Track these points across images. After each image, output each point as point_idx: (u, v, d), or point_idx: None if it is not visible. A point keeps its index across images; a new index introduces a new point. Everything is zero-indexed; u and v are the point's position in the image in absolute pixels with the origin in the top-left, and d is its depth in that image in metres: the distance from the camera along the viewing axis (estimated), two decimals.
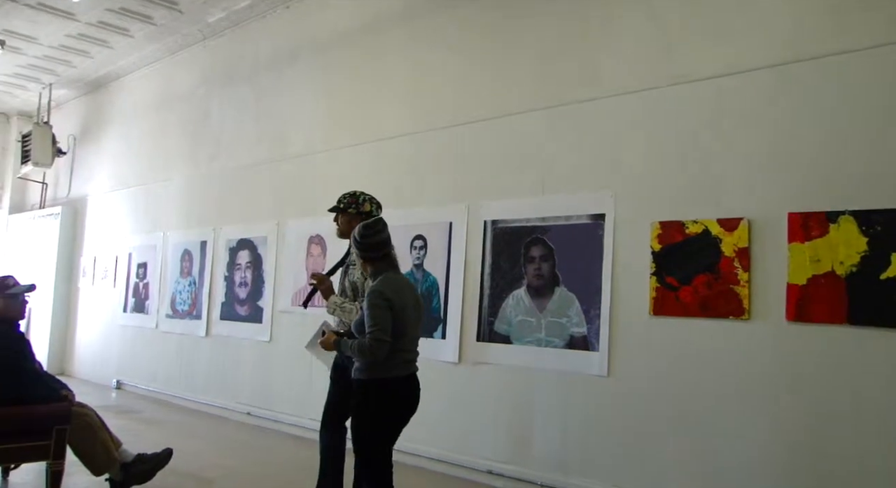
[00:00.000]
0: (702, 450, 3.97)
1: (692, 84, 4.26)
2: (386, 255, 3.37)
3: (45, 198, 11.79)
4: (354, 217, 3.98)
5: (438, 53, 5.79)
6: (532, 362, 4.79)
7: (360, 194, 4.05)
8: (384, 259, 3.36)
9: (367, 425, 3.25)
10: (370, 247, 3.34)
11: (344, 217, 3.99)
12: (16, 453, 3.98)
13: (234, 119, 7.95)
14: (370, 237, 3.33)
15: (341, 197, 4.04)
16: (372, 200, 4.06)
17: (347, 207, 3.99)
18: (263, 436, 6.38)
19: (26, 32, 8.74)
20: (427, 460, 5.28)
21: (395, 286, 3.26)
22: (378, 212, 4.08)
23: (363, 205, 4.00)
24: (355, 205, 4.00)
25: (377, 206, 4.08)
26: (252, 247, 7.36)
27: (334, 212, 4.03)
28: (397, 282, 3.32)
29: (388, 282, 3.26)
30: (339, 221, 4.03)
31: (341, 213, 4.00)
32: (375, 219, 3.52)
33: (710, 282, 4.02)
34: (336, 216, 4.04)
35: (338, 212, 4.02)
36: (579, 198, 4.70)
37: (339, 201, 4.03)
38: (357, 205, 3.99)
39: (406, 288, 3.37)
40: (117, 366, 9.32)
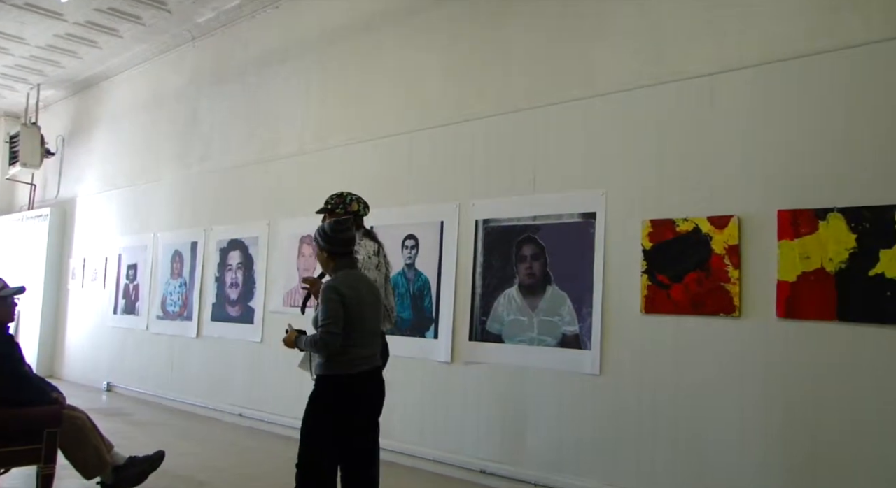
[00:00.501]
0: (694, 447, 3.99)
1: (683, 82, 4.28)
2: (348, 253, 3.44)
3: (34, 199, 11.72)
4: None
5: (429, 52, 5.79)
6: (524, 361, 4.79)
7: (346, 194, 4.05)
8: (347, 256, 3.43)
9: (316, 419, 3.27)
10: (339, 242, 3.40)
11: (332, 218, 3.98)
12: (6, 457, 3.93)
13: (224, 119, 7.92)
14: (341, 233, 3.41)
15: (328, 198, 4.05)
16: (359, 200, 4.06)
17: (335, 208, 3.99)
18: (255, 437, 6.36)
19: (13, 32, 8.69)
20: (420, 460, 5.28)
21: (351, 282, 3.33)
22: (365, 211, 4.09)
23: (350, 205, 4.01)
24: (343, 205, 4.00)
25: (364, 206, 4.09)
26: (243, 247, 7.34)
27: (322, 213, 4.02)
28: (354, 277, 3.38)
29: (343, 278, 3.34)
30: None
31: (329, 214, 4.00)
32: (347, 217, 3.58)
33: (700, 280, 4.03)
34: (324, 217, 4.02)
35: (326, 214, 4.01)
36: (570, 197, 4.71)
37: (327, 202, 4.03)
38: (345, 205, 4.00)
39: (362, 283, 3.41)
40: (108, 368, 9.27)
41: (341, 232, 3.41)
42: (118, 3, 7.66)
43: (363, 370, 3.30)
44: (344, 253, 3.42)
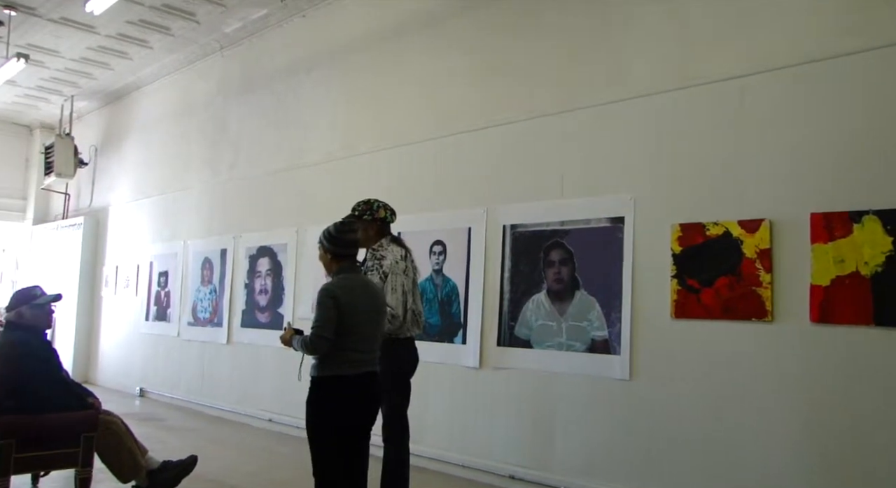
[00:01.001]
0: (728, 454, 3.94)
1: (713, 84, 4.24)
2: (350, 256, 3.46)
3: (68, 208, 11.95)
4: (370, 223, 4.03)
5: (455, 58, 5.81)
6: (553, 366, 4.78)
7: (373, 201, 4.08)
8: (349, 258, 3.45)
9: (316, 421, 3.30)
10: (344, 243, 3.43)
11: (360, 224, 4.01)
12: (45, 460, 4.03)
13: (252, 127, 8.02)
14: (346, 234, 3.44)
15: (355, 205, 4.09)
16: (386, 207, 4.09)
17: (363, 214, 4.02)
18: (286, 443, 6.41)
19: (49, 46, 8.88)
20: (449, 465, 5.28)
21: (347, 286, 3.34)
22: (392, 218, 4.12)
23: (378, 212, 4.04)
24: (370, 211, 4.03)
25: (391, 213, 4.11)
26: (272, 254, 7.41)
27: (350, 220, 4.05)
28: (351, 281, 3.39)
29: (340, 282, 3.35)
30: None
31: (357, 221, 4.02)
32: (349, 220, 3.61)
33: (731, 284, 3.99)
34: None
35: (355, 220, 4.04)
36: (598, 202, 4.69)
37: (354, 209, 4.07)
38: (371, 212, 4.03)
39: (359, 288, 3.40)
40: (140, 374, 9.41)
41: (346, 233, 3.44)
42: (149, 14, 7.79)
43: (355, 373, 3.30)
44: (347, 255, 3.44)
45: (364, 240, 4.01)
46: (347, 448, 3.32)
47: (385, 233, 4.10)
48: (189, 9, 7.61)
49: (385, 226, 4.11)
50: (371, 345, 3.41)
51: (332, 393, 3.28)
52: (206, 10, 7.61)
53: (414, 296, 4.00)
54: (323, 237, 3.46)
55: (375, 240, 4.05)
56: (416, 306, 4.02)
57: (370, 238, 4.05)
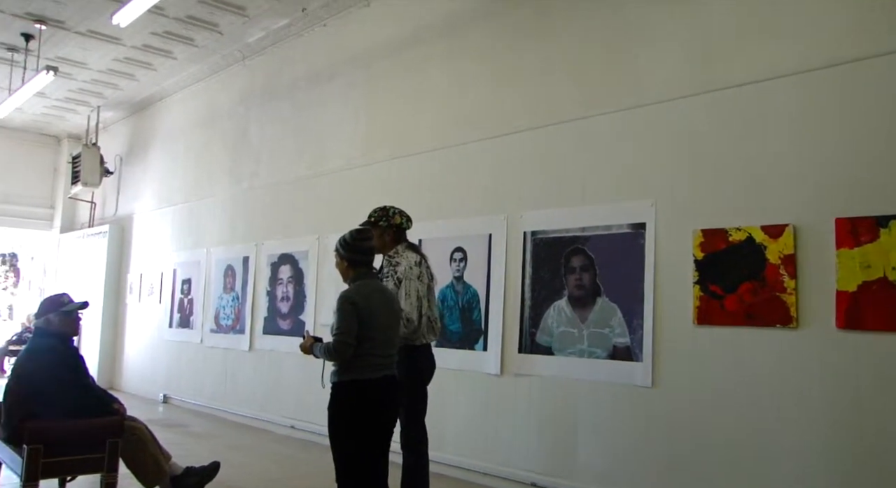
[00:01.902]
0: (752, 463, 3.89)
1: (734, 89, 4.21)
2: (366, 263, 3.49)
3: (94, 217, 12.13)
4: (386, 230, 4.06)
5: (474, 66, 5.83)
6: (575, 373, 4.75)
7: (389, 208, 4.12)
8: (364, 265, 3.49)
9: (338, 426, 3.32)
10: (359, 250, 3.47)
11: (376, 231, 4.04)
12: (72, 465, 4.07)
13: (274, 136, 8.10)
14: (361, 241, 3.48)
15: (372, 211, 4.12)
16: (402, 213, 4.12)
17: (379, 220, 4.06)
18: (308, 450, 6.43)
19: (77, 58, 9.06)
20: (470, 472, 5.27)
21: (365, 291, 3.39)
22: (408, 224, 4.15)
23: (393, 218, 4.08)
24: (386, 218, 4.07)
25: (407, 219, 4.14)
26: (293, 261, 7.46)
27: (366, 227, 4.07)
28: (368, 287, 3.43)
29: (358, 288, 3.40)
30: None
31: (373, 228, 4.05)
32: (364, 227, 3.64)
33: (755, 290, 3.95)
34: None
35: (370, 227, 4.06)
36: (619, 208, 4.67)
37: (370, 215, 4.11)
38: (387, 218, 4.07)
39: (376, 293, 3.44)
40: (164, 381, 9.51)
41: (361, 241, 3.48)
42: (173, 26, 7.91)
43: (376, 377, 3.33)
44: (363, 262, 3.48)
45: (380, 246, 4.05)
46: (369, 453, 3.33)
47: (401, 240, 4.12)
48: (212, 20, 7.71)
49: (401, 233, 4.13)
50: (389, 349, 3.44)
51: (353, 398, 3.30)
52: (228, 20, 7.71)
53: (429, 302, 4.01)
54: (339, 245, 3.51)
55: (391, 246, 4.08)
56: (432, 312, 4.02)
57: (386, 244, 4.08)
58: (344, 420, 3.31)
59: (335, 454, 3.34)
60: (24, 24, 7.99)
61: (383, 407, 3.37)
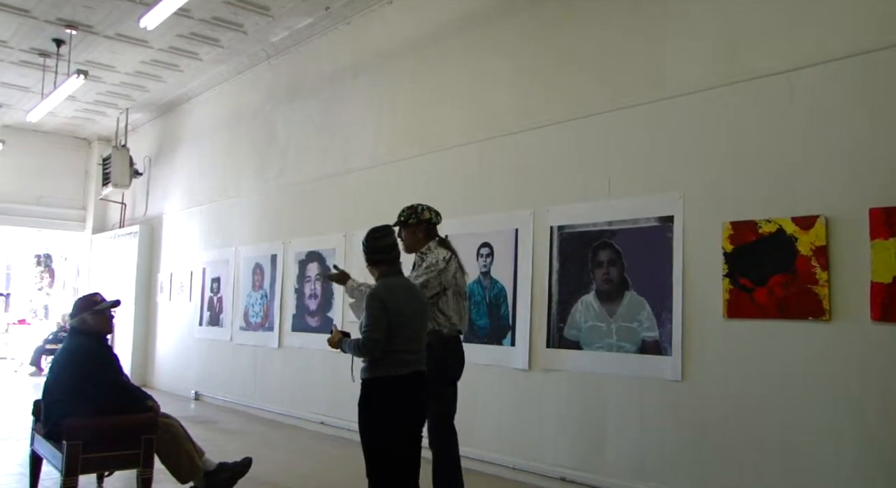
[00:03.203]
0: (785, 455, 3.85)
1: (761, 79, 4.16)
2: (390, 260, 3.51)
3: (125, 217, 12.33)
4: (416, 226, 4.09)
5: (499, 60, 5.82)
6: (603, 367, 4.74)
7: (417, 205, 4.16)
8: (388, 263, 3.51)
9: (368, 422, 3.35)
10: (378, 249, 3.51)
11: (407, 230, 4.10)
12: (109, 461, 4.16)
13: (300, 134, 8.16)
14: (378, 240, 3.51)
15: (401, 211, 4.16)
16: (430, 209, 4.15)
17: (408, 219, 4.10)
18: (338, 446, 6.49)
19: (105, 62, 9.21)
20: (499, 467, 5.28)
21: (391, 288, 3.42)
22: (437, 219, 4.17)
23: (422, 214, 4.11)
24: (415, 215, 4.10)
25: (436, 214, 4.17)
26: (321, 259, 7.52)
27: (397, 226, 4.11)
28: (394, 284, 3.46)
29: (384, 285, 3.44)
30: (403, 236, 4.11)
31: (404, 227, 4.09)
32: (383, 224, 3.62)
33: (786, 283, 3.90)
34: (399, 231, 4.11)
35: (401, 227, 4.10)
36: (646, 201, 4.64)
37: (400, 215, 4.14)
38: (416, 215, 4.10)
39: (402, 289, 3.47)
40: (195, 378, 9.64)
41: (378, 239, 3.51)
42: (199, 27, 8.01)
43: (406, 372, 3.36)
44: (385, 260, 3.51)
45: (413, 243, 4.09)
46: (400, 448, 3.35)
47: (433, 236, 4.15)
48: (237, 20, 7.79)
49: (432, 229, 4.15)
50: (417, 344, 3.47)
51: (383, 394, 3.33)
52: (253, 21, 7.78)
53: (444, 296, 4.00)
54: (363, 247, 3.57)
55: (424, 242, 4.11)
56: (446, 306, 4.01)
57: (419, 241, 4.11)
58: (374, 416, 3.33)
59: (365, 450, 3.37)
60: (55, 29, 8.15)
61: (413, 402, 3.38)
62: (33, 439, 4.62)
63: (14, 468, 5.37)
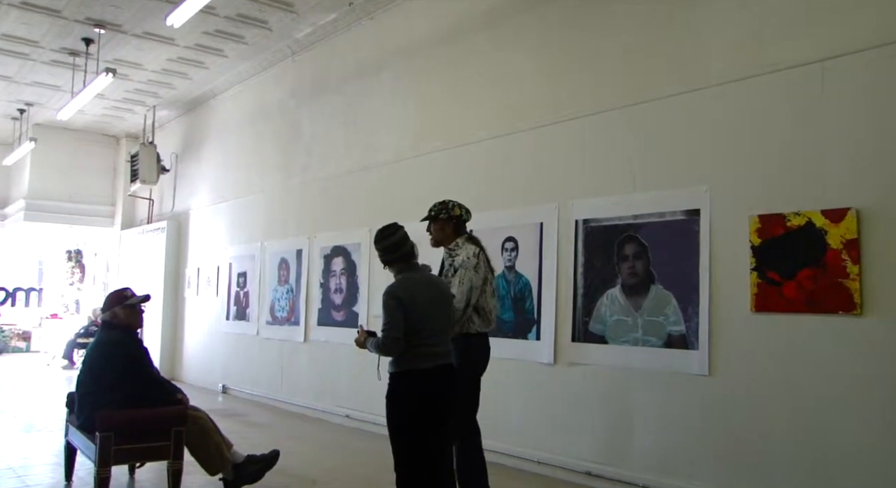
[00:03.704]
0: (813, 454, 3.81)
1: (790, 70, 4.10)
2: (403, 256, 3.50)
3: (152, 213, 12.49)
4: (446, 222, 4.10)
5: (523, 54, 5.80)
6: (629, 362, 4.72)
7: (449, 201, 4.18)
8: (402, 260, 3.50)
9: (394, 416, 3.37)
10: (387, 249, 3.51)
11: (437, 224, 4.12)
12: (140, 452, 4.24)
13: (324, 130, 8.20)
14: (383, 240, 3.52)
15: (431, 206, 4.17)
16: (461, 206, 4.17)
17: (439, 214, 4.11)
18: (363, 439, 6.54)
19: (133, 60, 9.34)
20: (524, 461, 5.28)
21: (407, 284, 3.43)
22: (467, 216, 4.19)
23: (453, 210, 4.12)
24: (445, 210, 4.11)
25: (466, 211, 4.19)
26: (346, 253, 7.57)
27: (427, 220, 4.14)
28: (412, 280, 3.46)
29: (401, 282, 3.45)
30: (431, 230, 4.15)
31: (434, 221, 4.12)
32: (390, 223, 3.62)
33: (816, 277, 3.86)
34: (429, 226, 4.15)
35: (430, 221, 4.12)
36: (672, 194, 4.61)
37: (430, 210, 4.16)
38: (447, 211, 4.11)
39: (421, 285, 3.47)
40: (222, 372, 9.76)
41: (386, 238, 3.52)
42: (224, 24, 8.08)
43: (429, 367, 3.37)
44: (396, 258, 3.51)
45: (441, 238, 4.12)
46: (428, 441, 3.37)
47: (461, 232, 4.17)
48: (262, 17, 7.84)
49: (461, 225, 4.18)
50: (442, 337, 3.48)
51: (409, 388, 3.35)
52: (277, 17, 7.83)
53: (485, 293, 4.02)
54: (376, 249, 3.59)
55: (452, 238, 4.13)
56: (486, 303, 4.02)
57: (448, 236, 4.13)
58: (400, 410, 3.36)
59: (393, 443, 3.39)
60: (84, 28, 8.28)
61: (438, 396, 3.40)
62: (67, 430, 4.73)
63: (50, 458, 5.50)
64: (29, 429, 6.87)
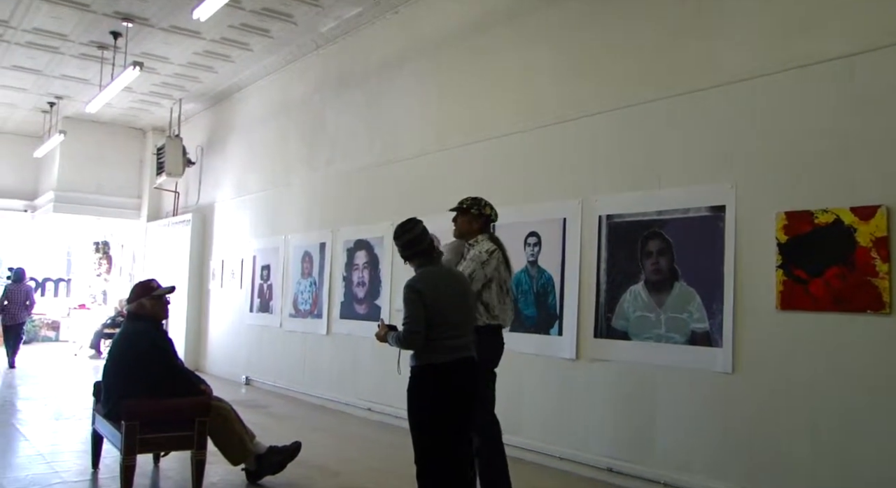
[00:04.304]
0: (838, 455, 3.76)
1: (819, 65, 4.03)
2: (422, 251, 3.50)
3: (178, 205, 12.63)
4: (475, 218, 4.15)
5: (547, 48, 5.76)
6: (652, 358, 4.69)
7: (481, 199, 4.23)
8: (422, 255, 3.50)
9: (415, 409, 3.38)
10: (406, 244, 3.51)
11: (465, 217, 4.16)
12: (164, 441, 4.30)
13: (348, 123, 8.22)
14: (403, 235, 3.52)
15: (463, 199, 4.22)
16: (492, 206, 4.23)
17: (470, 208, 4.16)
18: (385, 431, 6.57)
19: (160, 53, 9.43)
20: (546, 457, 5.28)
21: (428, 278, 3.43)
22: (495, 217, 4.27)
23: (484, 208, 4.19)
24: (477, 206, 4.17)
25: (495, 213, 4.25)
26: (369, 247, 7.59)
27: (455, 211, 4.17)
28: (432, 274, 3.47)
29: (421, 276, 3.45)
30: (458, 222, 4.20)
31: (462, 214, 4.16)
32: (408, 218, 3.62)
33: (844, 275, 3.80)
34: (455, 216, 4.19)
35: (459, 213, 4.15)
36: (697, 191, 4.56)
37: (462, 202, 4.20)
38: (479, 207, 4.17)
39: (442, 279, 3.48)
40: (246, 363, 9.86)
41: (402, 235, 3.52)
42: (249, 18, 8.12)
43: (450, 360, 3.37)
44: (416, 253, 3.50)
45: (465, 231, 4.18)
46: (448, 435, 3.38)
47: (486, 231, 4.20)
48: (287, 10, 7.88)
49: (487, 224, 4.23)
50: (463, 330, 3.47)
51: (431, 381, 3.36)
52: (302, 11, 7.86)
53: (487, 289, 4.01)
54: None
55: (475, 234, 4.16)
56: (490, 299, 4.01)
57: (472, 231, 4.17)
58: (421, 403, 3.37)
59: (414, 436, 3.40)
60: (112, 22, 8.37)
61: (459, 389, 3.40)
62: (94, 419, 4.81)
63: (78, 445, 5.60)
64: (58, 417, 7.00)
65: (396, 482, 4.77)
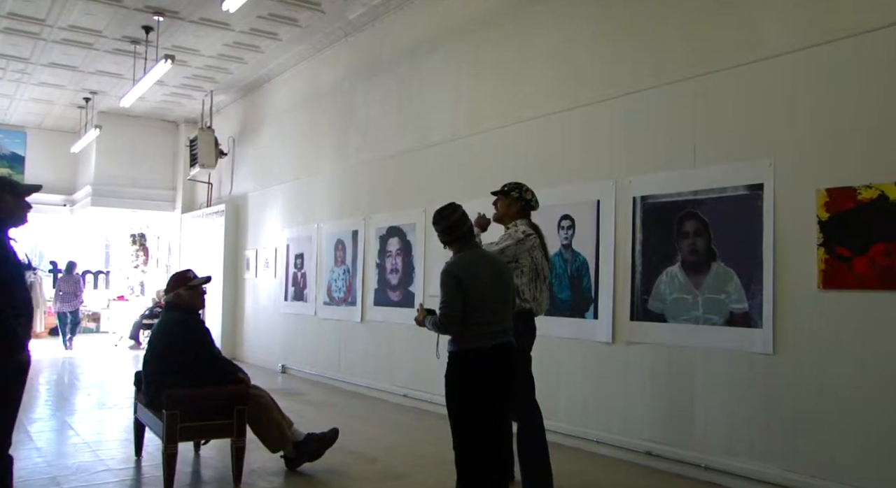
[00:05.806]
0: (881, 437, 3.66)
1: (861, 36, 3.89)
2: (462, 236, 3.47)
3: (211, 196, 12.78)
4: (514, 202, 4.17)
5: (579, 28, 5.67)
6: (689, 340, 4.62)
7: (523, 184, 4.23)
8: (461, 239, 3.47)
9: (454, 395, 3.36)
10: (446, 230, 3.47)
11: (505, 200, 4.19)
12: (204, 430, 4.36)
13: (378, 110, 8.21)
14: (442, 221, 3.48)
15: (506, 183, 4.22)
16: (533, 193, 4.22)
17: (511, 191, 4.19)
18: (421, 417, 6.59)
19: (191, 46, 9.51)
20: (584, 441, 5.25)
21: (466, 263, 3.40)
22: (535, 205, 4.24)
23: (526, 193, 4.20)
24: (519, 190, 4.19)
25: (536, 200, 4.24)
26: (401, 234, 7.59)
27: (497, 195, 4.20)
28: (470, 259, 3.44)
29: (459, 260, 3.42)
30: (498, 205, 4.23)
31: (503, 197, 4.17)
32: (447, 203, 3.58)
33: (890, 252, 3.68)
34: (496, 200, 4.22)
35: (500, 196, 4.18)
36: (734, 169, 4.46)
37: (504, 186, 4.22)
38: (521, 191, 4.18)
39: (479, 263, 3.44)
40: (282, 352, 9.97)
41: (441, 220, 3.48)
42: (277, 8, 8.14)
43: (489, 345, 3.34)
44: (455, 238, 3.47)
45: (504, 214, 4.20)
46: (486, 421, 3.36)
47: (525, 216, 4.18)
48: None
49: (527, 210, 4.22)
50: (502, 315, 3.43)
51: (469, 367, 3.34)
52: None
53: (521, 272, 3.97)
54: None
55: (514, 217, 4.17)
56: (519, 281, 3.97)
57: (510, 215, 4.18)
58: (459, 389, 3.35)
59: (452, 422, 3.39)
60: (144, 16, 8.47)
61: (498, 375, 3.37)
62: (136, 408, 4.90)
63: (120, 434, 5.72)
64: (101, 406, 7.15)
65: (435, 468, 4.78)
